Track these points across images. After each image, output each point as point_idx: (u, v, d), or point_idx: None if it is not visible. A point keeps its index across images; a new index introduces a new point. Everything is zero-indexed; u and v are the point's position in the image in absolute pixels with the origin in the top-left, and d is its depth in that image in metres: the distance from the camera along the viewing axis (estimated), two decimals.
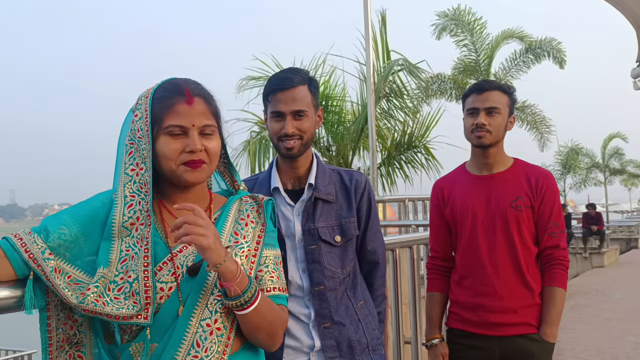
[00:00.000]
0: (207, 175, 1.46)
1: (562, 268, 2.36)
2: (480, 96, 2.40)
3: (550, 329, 2.31)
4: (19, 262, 1.30)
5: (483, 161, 2.45)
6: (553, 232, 2.38)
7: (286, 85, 1.89)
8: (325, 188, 1.99)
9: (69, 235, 1.36)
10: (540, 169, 2.49)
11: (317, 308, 1.92)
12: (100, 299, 1.29)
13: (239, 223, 1.52)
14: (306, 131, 1.92)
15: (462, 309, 2.43)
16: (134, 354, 1.35)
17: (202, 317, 1.36)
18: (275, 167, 2.02)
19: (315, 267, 1.93)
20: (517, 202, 2.37)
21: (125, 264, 1.35)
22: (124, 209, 1.39)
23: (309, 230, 1.94)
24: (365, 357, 1.97)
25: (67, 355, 1.38)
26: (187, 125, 1.40)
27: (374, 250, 2.09)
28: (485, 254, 2.36)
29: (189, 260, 1.41)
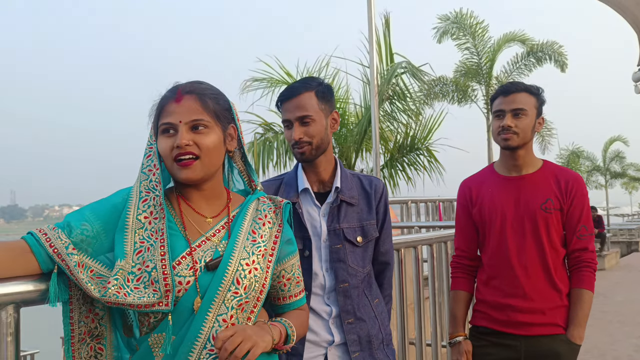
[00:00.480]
0: (202, 171, 1.46)
1: (590, 270, 2.37)
2: (507, 98, 2.40)
3: (578, 330, 2.32)
4: (44, 256, 1.34)
5: (512, 162, 2.45)
6: (582, 235, 2.38)
7: (291, 94, 1.98)
8: (349, 191, 2.07)
9: (91, 231, 1.40)
10: (570, 172, 2.49)
11: (342, 304, 2.00)
12: (122, 290, 1.33)
13: (256, 222, 1.56)
14: (314, 135, 1.98)
15: (490, 308, 2.43)
16: (152, 345, 1.39)
17: (218, 313, 1.40)
18: (301, 169, 2.10)
19: (340, 266, 2.01)
20: (547, 205, 2.37)
21: (141, 255, 1.39)
22: (139, 203, 1.44)
23: (334, 230, 2.02)
24: (381, 352, 2.06)
25: (89, 348, 1.42)
26: (175, 122, 1.44)
27: (387, 251, 2.18)
28: (515, 256, 2.37)
29: (207, 255, 1.45)
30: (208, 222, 1.51)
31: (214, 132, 1.48)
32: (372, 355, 2.03)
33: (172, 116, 1.44)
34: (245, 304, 1.45)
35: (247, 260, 1.47)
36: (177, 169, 1.44)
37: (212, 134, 1.47)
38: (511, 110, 2.37)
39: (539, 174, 2.43)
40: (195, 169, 1.44)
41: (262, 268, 1.50)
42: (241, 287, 1.44)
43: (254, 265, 1.48)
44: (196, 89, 1.49)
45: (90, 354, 1.42)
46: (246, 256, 1.47)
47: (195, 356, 1.37)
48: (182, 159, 1.43)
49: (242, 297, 1.44)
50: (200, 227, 1.49)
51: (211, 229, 1.50)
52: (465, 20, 12.21)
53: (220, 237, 1.50)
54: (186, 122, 1.44)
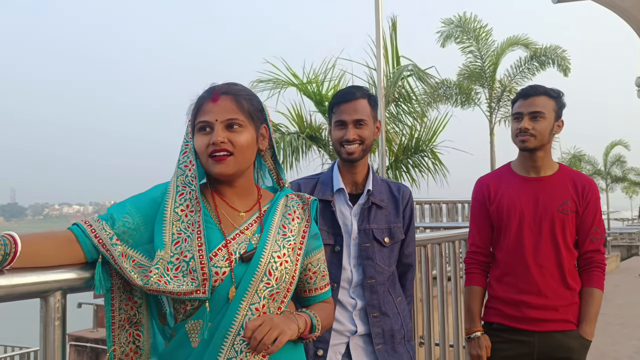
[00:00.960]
0: (235, 167, 1.55)
1: (600, 271, 2.47)
2: (526, 101, 2.46)
3: (589, 327, 2.42)
4: (89, 246, 1.42)
5: (531, 164, 2.51)
6: (595, 237, 2.47)
7: (349, 97, 2.15)
8: (379, 195, 2.23)
9: (132, 223, 1.49)
10: (585, 176, 2.57)
11: (368, 299, 2.14)
12: (162, 279, 1.41)
13: (286, 217, 1.65)
14: (366, 138, 2.15)
15: (503, 304, 2.50)
16: (189, 330, 1.48)
17: (251, 302, 1.49)
18: (337, 169, 2.24)
19: (369, 263, 2.15)
20: (564, 207, 2.44)
21: (179, 245, 1.47)
22: (176, 196, 1.53)
23: (364, 230, 2.16)
24: (402, 347, 2.20)
25: (127, 334, 1.51)
26: (211, 120, 1.53)
27: (410, 253, 2.33)
28: (531, 254, 2.44)
29: (242, 247, 1.53)
30: (241, 216, 1.60)
31: (247, 131, 1.56)
32: (394, 348, 2.16)
33: (208, 115, 1.53)
34: (276, 294, 1.54)
35: (278, 253, 1.55)
36: (211, 163, 1.52)
37: (246, 133, 1.55)
38: (529, 113, 2.44)
39: (557, 177, 2.50)
40: (228, 164, 1.52)
41: (292, 261, 1.59)
42: (273, 278, 1.52)
43: (285, 258, 1.57)
44: (232, 89, 1.57)
45: (129, 339, 1.51)
46: (277, 249, 1.56)
47: (229, 342, 1.45)
48: (216, 154, 1.51)
49: (273, 287, 1.53)
50: (234, 220, 1.58)
51: (244, 223, 1.59)
52: (469, 24, 12.31)
53: (253, 230, 1.58)
54: (222, 121, 1.52)
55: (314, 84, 8.39)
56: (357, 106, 2.14)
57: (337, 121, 2.17)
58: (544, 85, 2.55)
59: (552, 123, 2.47)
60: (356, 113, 2.14)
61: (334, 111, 2.19)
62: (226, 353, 1.45)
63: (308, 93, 8.43)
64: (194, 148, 1.56)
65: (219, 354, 1.45)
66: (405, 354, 2.20)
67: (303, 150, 8.32)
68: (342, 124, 2.15)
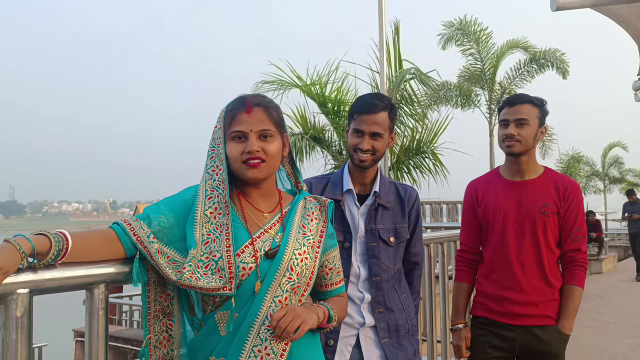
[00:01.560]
0: (267, 172, 1.70)
1: (582, 269, 2.60)
2: (511, 109, 2.60)
3: (568, 322, 2.56)
4: (129, 244, 1.57)
5: (516, 168, 2.65)
6: (576, 237, 2.60)
7: (371, 109, 2.24)
8: (386, 196, 2.35)
9: (167, 223, 1.63)
10: (568, 179, 2.70)
11: (374, 295, 2.27)
12: (194, 275, 1.55)
13: (305, 218, 1.79)
14: (379, 150, 2.26)
15: (489, 299, 2.66)
16: (218, 320, 1.62)
17: (275, 295, 1.63)
18: (347, 171, 2.36)
19: (374, 261, 2.28)
20: (546, 209, 2.57)
21: (208, 245, 1.61)
22: (205, 200, 1.66)
23: (371, 230, 2.29)
24: (407, 340, 2.33)
25: (161, 324, 1.65)
26: (246, 130, 1.67)
27: (417, 252, 2.45)
28: (514, 253, 2.58)
29: (266, 245, 1.68)
30: (265, 217, 1.74)
31: (277, 140, 1.71)
32: (399, 342, 2.28)
33: (243, 125, 1.67)
34: (297, 288, 1.68)
35: (299, 250, 1.70)
36: (245, 169, 1.66)
37: (276, 142, 1.70)
38: (515, 120, 2.58)
39: (540, 180, 2.64)
40: (261, 169, 1.67)
41: (311, 257, 1.73)
42: (294, 273, 1.67)
43: (305, 255, 1.71)
44: (263, 102, 1.72)
45: (163, 329, 1.64)
46: (298, 247, 1.70)
47: (255, 331, 1.59)
48: (251, 162, 1.65)
49: (295, 281, 1.67)
50: (258, 220, 1.72)
51: (268, 223, 1.73)
52: (470, 27, 12.43)
53: (276, 229, 1.72)
54: (256, 131, 1.67)
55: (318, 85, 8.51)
56: (377, 119, 2.23)
57: (355, 129, 2.26)
58: (528, 94, 2.71)
59: (536, 129, 2.61)
60: (375, 126, 2.23)
61: (354, 118, 2.28)
62: (252, 341, 1.58)
63: (311, 94, 8.55)
64: (225, 154, 1.69)
65: (245, 342, 1.58)
66: (409, 347, 2.32)
67: (307, 151, 8.45)
68: (359, 132, 2.25)
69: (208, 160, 1.72)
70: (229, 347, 1.59)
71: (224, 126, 1.71)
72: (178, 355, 1.67)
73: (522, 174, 2.66)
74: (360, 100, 2.33)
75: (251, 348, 1.58)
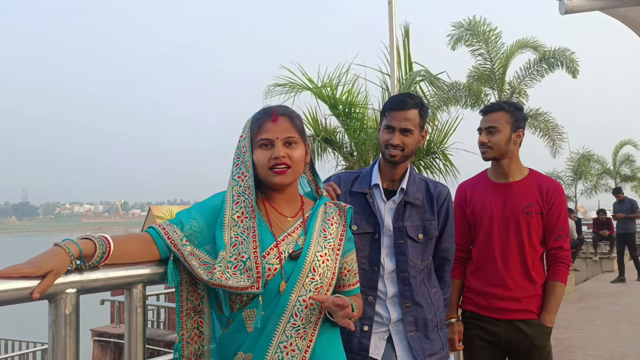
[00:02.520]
0: (292, 178, 1.81)
1: (564, 266, 2.74)
2: (484, 117, 2.78)
3: (549, 315, 2.70)
4: (163, 246, 1.69)
5: (500, 171, 2.80)
6: (559, 235, 2.73)
7: (402, 106, 2.32)
8: (414, 194, 2.40)
9: (197, 227, 1.75)
10: (551, 180, 2.82)
11: (401, 290, 2.35)
12: (224, 275, 1.66)
13: (326, 222, 1.89)
14: (409, 145, 2.33)
15: (475, 295, 2.80)
16: (245, 318, 1.73)
17: (299, 294, 1.73)
18: (377, 166, 2.45)
19: (402, 258, 2.35)
20: (529, 209, 2.70)
21: (236, 247, 1.71)
22: (232, 205, 1.77)
23: (399, 227, 2.36)
24: (435, 334, 2.41)
25: (192, 321, 1.76)
26: (273, 138, 1.78)
27: (447, 249, 2.53)
28: (499, 251, 2.72)
29: (290, 247, 1.79)
30: (288, 221, 1.85)
31: (300, 147, 1.82)
32: (427, 335, 2.37)
33: (270, 133, 1.78)
34: (320, 288, 1.78)
35: (320, 252, 1.80)
36: (272, 175, 1.77)
37: (300, 149, 1.81)
38: (486, 128, 2.75)
39: (525, 182, 2.77)
40: (288, 175, 1.78)
41: (332, 259, 1.83)
42: (317, 274, 1.77)
43: (326, 257, 1.81)
44: (287, 111, 1.84)
45: (194, 325, 1.76)
46: (320, 249, 1.80)
47: (281, 328, 1.70)
48: (277, 167, 1.76)
49: (317, 282, 1.77)
50: (282, 224, 1.83)
51: (291, 227, 1.84)
52: (479, 27, 12.49)
53: (298, 233, 1.83)
54: (282, 139, 1.78)
55: (329, 88, 8.59)
56: (407, 115, 2.30)
57: (386, 125, 2.34)
58: (501, 102, 2.85)
59: (507, 134, 2.73)
60: (405, 122, 2.30)
61: (385, 115, 2.36)
62: (278, 338, 1.69)
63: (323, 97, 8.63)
64: (252, 161, 1.79)
65: (272, 339, 1.69)
66: (437, 340, 2.39)
67: (318, 152, 8.52)
68: (390, 128, 2.32)
69: (234, 168, 1.83)
70: (257, 343, 1.70)
71: (251, 135, 1.81)
72: (209, 350, 1.78)
73: (507, 176, 2.79)
74: (392, 98, 2.42)
75: (277, 344, 1.69)
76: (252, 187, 1.79)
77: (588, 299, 10.39)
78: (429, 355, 2.35)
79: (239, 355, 1.72)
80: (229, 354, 1.75)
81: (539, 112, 13.10)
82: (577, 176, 23.76)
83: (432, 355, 2.36)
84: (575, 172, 23.68)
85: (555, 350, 6.81)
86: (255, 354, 1.70)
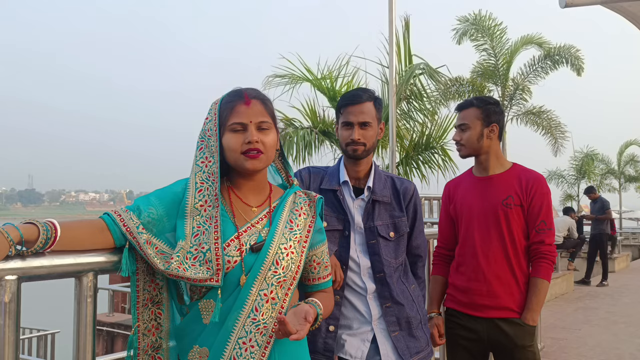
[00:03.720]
0: (264, 163, 1.73)
1: (547, 262, 2.62)
2: (458, 115, 2.77)
3: (531, 314, 2.59)
4: (118, 234, 1.60)
5: (480, 166, 2.76)
6: (540, 229, 2.62)
7: (356, 100, 2.30)
8: (381, 191, 2.37)
9: (156, 214, 1.66)
10: (532, 172, 2.73)
11: (379, 291, 2.30)
12: (181, 266, 1.58)
13: (293, 213, 1.81)
14: (370, 139, 2.31)
15: (457, 291, 2.75)
16: (201, 308, 1.66)
17: (260, 288, 1.66)
18: (343, 165, 2.41)
19: (376, 258, 2.31)
20: (508, 201, 2.63)
21: (198, 237, 1.64)
22: (195, 193, 1.69)
23: (370, 227, 2.32)
24: (419, 331, 2.36)
25: (150, 312, 1.69)
26: (246, 122, 1.69)
27: (418, 246, 2.48)
28: (479, 245, 2.65)
29: (252, 239, 1.70)
30: (253, 211, 1.76)
31: (272, 132, 1.74)
32: (411, 334, 2.32)
33: (243, 117, 1.69)
34: (283, 281, 1.70)
35: (285, 245, 1.72)
36: (244, 159, 1.68)
37: (272, 134, 1.73)
38: (458, 126, 2.73)
39: (505, 175, 2.70)
40: (261, 160, 1.70)
41: (297, 252, 1.75)
42: (280, 267, 1.69)
43: (291, 250, 1.73)
44: (259, 94, 1.76)
45: (151, 317, 1.68)
46: (284, 241, 1.72)
47: (240, 323, 1.62)
48: (251, 152, 1.68)
49: (280, 275, 1.69)
50: (246, 214, 1.75)
51: (255, 217, 1.75)
52: (484, 22, 12.36)
53: (262, 224, 1.75)
54: (255, 123, 1.69)
55: (328, 80, 8.53)
56: (363, 109, 2.28)
57: (344, 122, 2.32)
58: (475, 97, 2.79)
59: (479, 130, 2.68)
60: (362, 115, 2.28)
61: (341, 112, 2.34)
62: (237, 333, 1.62)
63: (322, 89, 8.58)
64: (219, 145, 1.71)
65: (231, 334, 1.62)
66: (422, 337, 2.36)
67: (316, 145, 8.48)
68: (348, 124, 2.30)
69: (197, 152, 1.74)
70: (215, 338, 1.63)
71: (220, 118, 1.73)
72: (167, 343, 1.70)
73: (487, 170, 2.75)
74: (345, 94, 2.41)
75: (236, 340, 1.62)
76: (216, 173, 1.71)
77: (586, 299, 10.29)
78: (415, 353, 2.30)
79: (194, 349, 1.65)
80: (185, 344, 1.68)
81: (542, 110, 12.97)
82: (581, 175, 23.61)
83: (419, 353, 2.32)
84: (578, 171, 23.54)
85: (549, 350, 6.73)
86: (212, 349, 1.63)
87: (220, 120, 1.73)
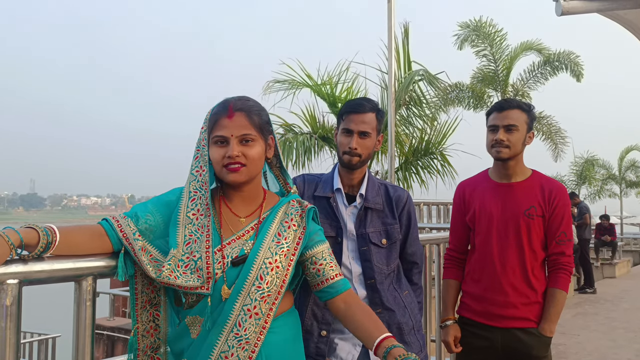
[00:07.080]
0: (247, 176, 1.73)
1: (566, 273, 2.58)
2: (500, 114, 2.61)
3: (549, 325, 2.56)
4: (116, 239, 1.64)
5: (503, 172, 2.67)
6: (561, 240, 2.58)
7: (359, 109, 2.32)
8: (374, 199, 2.39)
9: (153, 221, 1.70)
10: (555, 182, 2.69)
11: (370, 297, 2.31)
12: (173, 274, 1.61)
13: (283, 225, 1.80)
14: (367, 149, 2.33)
15: (472, 299, 2.69)
16: (189, 324, 1.69)
17: (244, 303, 1.66)
18: (337, 172, 2.43)
19: (367, 265, 2.33)
20: (530, 211, 2.58)
21: (190, 246, 1.66)
22: (188, 202, 1.72)
23: (362, 234, 2.34)
24: (412, 337, 2.37)
25: (148, 314, 1.72)
26: (227, 135, 1.70)
27: (413, 253, 2.49)
28: (497, 254, 2.60)
29: (234, 252, 1.71)
30: (241, 222, 1.77)
31: (258, 144, 1.74)
32: (403, 340, 2.32)
33: (224, 130, 1.70)
34: (267, 296, 1.69)
35: (270, 259, 1.71)
36: (226, 172, 1.71)
37: (257, 146, 1.74)
38: (504, 126, 2.59)
39: (527, 183, 2.65)
40: (242, 173, 1.71)
41: (283, 266, 1.74)
42: (264, 282, 1.68)
43: (276, 264, 1.72)
44: (245, 106, 1.75)
45: (150, 318, 1.72)
46: (269, 255, 1.71)
47: (223, 337, 1.64)
48: (231, 166, 1.70)
49: (264, 290, 1.68)
50: (233, 226, 1.76)
51: (242, 229, 1.76)
52: (484, 28, 12.41)
53: (248, 236, 1.75)
54: (237, 136, 1.70)
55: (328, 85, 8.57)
56: (365, 118, 2.30)
57: (344, 129, 2.34)
58: (516, 99, 2.71)
59: (524, 135, 2.62)
60: (363, 125, 2.30)
61: (343, 118, 2.36)
62: (220, 347, 1.63)
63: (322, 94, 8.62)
64: (208, 156, 1.74)
65: (214, 348, 1.63)
66: (415, 343, 2.35)
67: (315, 150, 8.52)
68: (348, 132, 2.32)
69: (193, 161, 1.77)
70: (199, 351, 1.65)
71: (209, 129, 1.75)
72: (165, 346, 1.73)
73: (509, 177, 2.68)
74: (349, 102, 2.42)
75: (219, 354, 1.63)
76: (208, 182, 1.74)
77: (586, 304, 10.29)
78: None
79: None
80: (177, 356, 1.72)
81: (542, 116, 13.00)
82: (581, 181, 23.56)
83: None
84: (579, 177, 23.50)
85: None
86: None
87: (208, 131, 1.76)
